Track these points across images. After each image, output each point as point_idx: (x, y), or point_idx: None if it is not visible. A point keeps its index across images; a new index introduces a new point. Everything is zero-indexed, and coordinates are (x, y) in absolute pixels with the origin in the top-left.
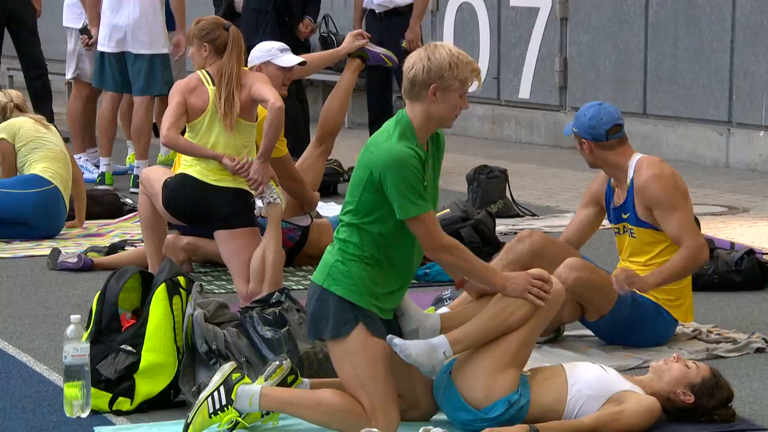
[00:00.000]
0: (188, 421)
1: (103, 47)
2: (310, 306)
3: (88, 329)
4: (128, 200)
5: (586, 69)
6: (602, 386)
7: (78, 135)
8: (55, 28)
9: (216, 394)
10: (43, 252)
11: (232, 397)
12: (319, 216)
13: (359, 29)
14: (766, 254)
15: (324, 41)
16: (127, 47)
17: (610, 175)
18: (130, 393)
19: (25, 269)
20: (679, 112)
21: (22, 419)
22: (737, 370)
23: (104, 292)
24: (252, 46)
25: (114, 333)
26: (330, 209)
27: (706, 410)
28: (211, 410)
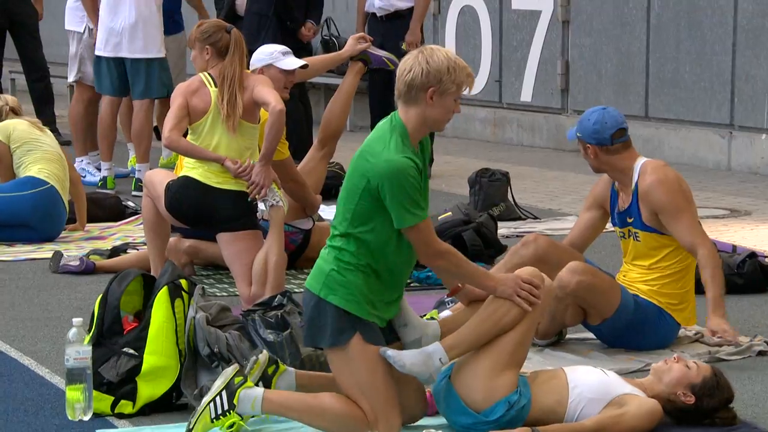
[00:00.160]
0: (190, 427)
1: (100, 51)
2: (306, 313)
3: (90, 332)
4: (130, 203)
5: (587, 72)
6: (603, 389)
7: (80, 138)
8: (57, 31)
9: (218, 399)
10: (45, 255)
11: (234, 402)
12: (321, 219)
13: (361, 32)
14: None
15: (326, 44)
16: (124, 52)
17: (614, 179)
18: (132, 396)
19: (27, 272)
20: (681, 115)
21: (24, 422)
22: (739, 373)
23: (106, 295)
24: (254, 49)
25: (116, 336)
26: (332, 212)
27: (708, 411)
28: (213, 415)
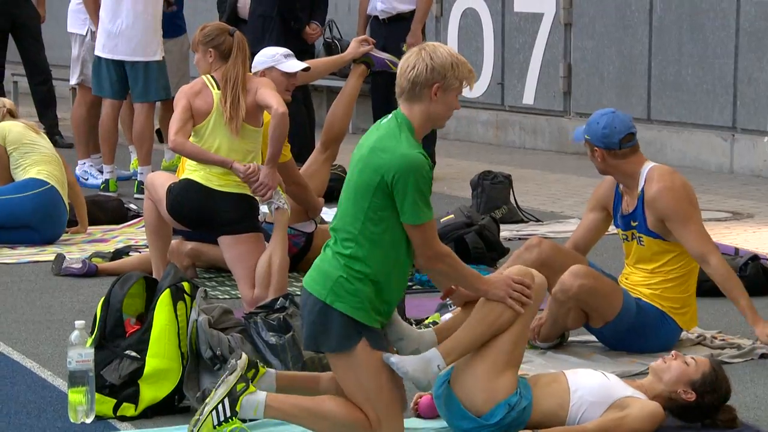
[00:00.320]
0: None
1: (100, 52)
2: (309, 317)
3: (92, 335)
4: (132, 206)
5: (590, 75)
6: (604, 392)
7: (82, 141)
8: (60, 34)
9: (221, 406)
10: (48, 257)
11: (237, 408)
12: (324, 222)
13: (364, 35)
14: None
15: (328, 47)
16: (123, 54)
17: (620, 182)
18: (134, 399)
19: (30, 275)
20: (684, 118)
21: (27, 425)
22: (742, 376)
23: (108, 297)
24: (258, 52)
25: (118, 339)
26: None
27: (709, 407)
28: (216, 422)
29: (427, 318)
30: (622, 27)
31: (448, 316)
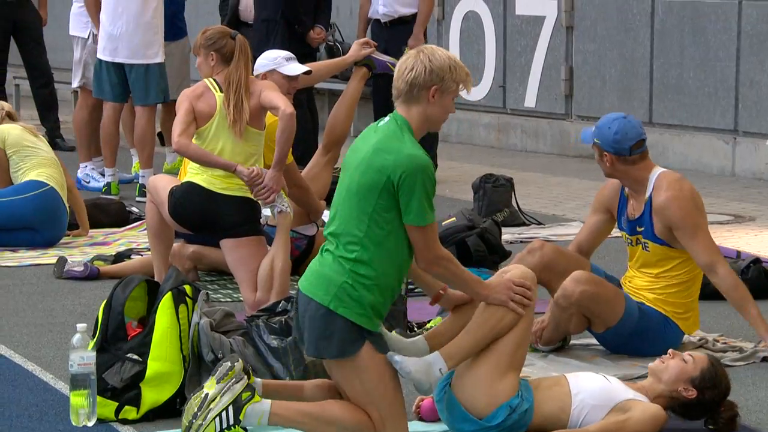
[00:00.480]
0: None
1: (101, 55)
2: (310, 323)
3: (94, 338)
4: (134, 209)
5: (591, 78)
6: (606, 396)
7: (84, 144)
8: (62, 37)
9: (224, 414)
10: (50, 260)
11: (240, 417)
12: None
13: (365, 38)
14: None
15: (330, 50)
16: (124, 57)
17: (627, 187)
18: (136, 402)
19: (32, 278)
20: (685, 121)
21: (29, 428)
22: (744, 379)
23: (110, 300)
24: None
25: (120, 342)
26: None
27: (711, 403)
28: (218, 429)
29: (429, 321)
30: (624, 30)
31: None
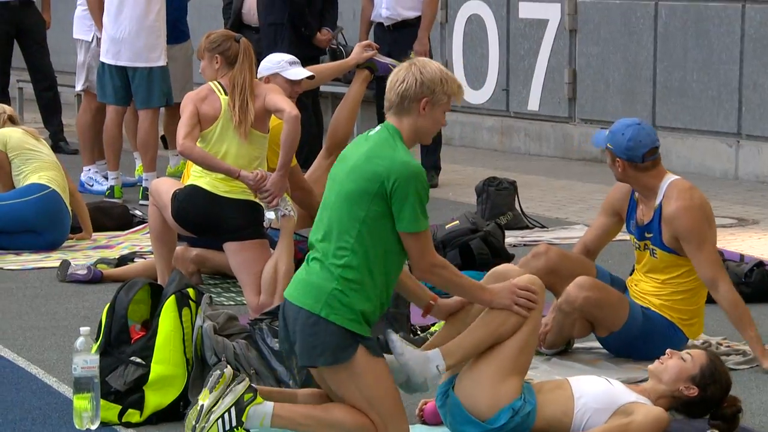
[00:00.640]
0: None
1: (104, 59)
2: (302, 332)
3: (97, 341)
4: (138, 212)
5: (595, 81)
6: (608, 399)
7: (87, 147)
8: (65, 40)
9: (227, 415)
10: (53, 264)
11: (243, 419)
12: None
13: (367, 40)
14: None
15: (333, 53)
16: (126, 60)
17: (637, 192)
18: (139, 405)
19: (35, 281)
20: (688, 124)
21: (32, 431)
22: (747, 383)
23: (114, 304)
24: None
25: (123, 345)
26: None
27: (713, 399)
28: (221, 431)
29: (433, 324)
30: (627, 33)
31: None
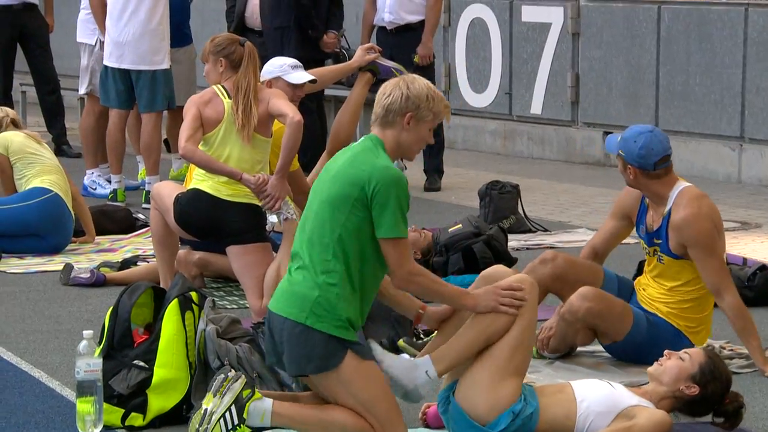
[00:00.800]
0: None
1: (108, 62)
2: (288, 342)
3: (100, 345)
4: (141, 215)
5: (598, 84)
6: (611, 402)
7: (90, 150)
8: (68, 44)
9: (228, 414)
10: (56, 267)
11: (244, 415)
12: None
13: (369, 43)
14: None
15: (335, 56)
16: (130, 63)
17: (648, 198)
18: (142, 408)
19: (38, 284)
20: (691, 128)
21: None
22: (750, 386)
23: (117, 307)
24: None
25: (126, 348)
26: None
27: (715, 396)
28: (224, 430)
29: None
30: (630, 37)
31: None
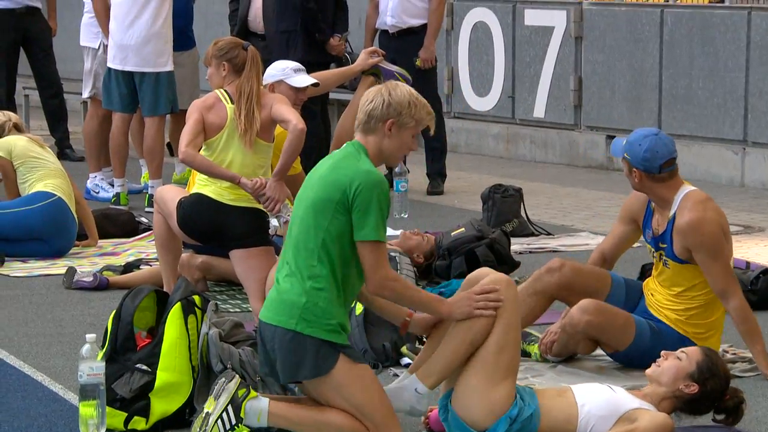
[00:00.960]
0: None
1: (111, 64)
2: (280, 350)
3: (103, 348)
4: (144, 219)
5: (601, 88)
6: (612, 406)
7: (93, 154)
8: (72, 47)
9: (225, 415)
10: (59, 271)
11: (241, 415)
12: None
13: (373, 47)
14: None
15: (338, 59)
16: (133, 66)
17: (654, 202)
18: (145, 412)
19: (41, 288)
20: (694, 132)
21: None
22: (753, 390)
23: (119, 311)
24: None
25: (129, 352)
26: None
27: (715, 393)
28: (223, 431)
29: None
30: (633, 40)
31: None
